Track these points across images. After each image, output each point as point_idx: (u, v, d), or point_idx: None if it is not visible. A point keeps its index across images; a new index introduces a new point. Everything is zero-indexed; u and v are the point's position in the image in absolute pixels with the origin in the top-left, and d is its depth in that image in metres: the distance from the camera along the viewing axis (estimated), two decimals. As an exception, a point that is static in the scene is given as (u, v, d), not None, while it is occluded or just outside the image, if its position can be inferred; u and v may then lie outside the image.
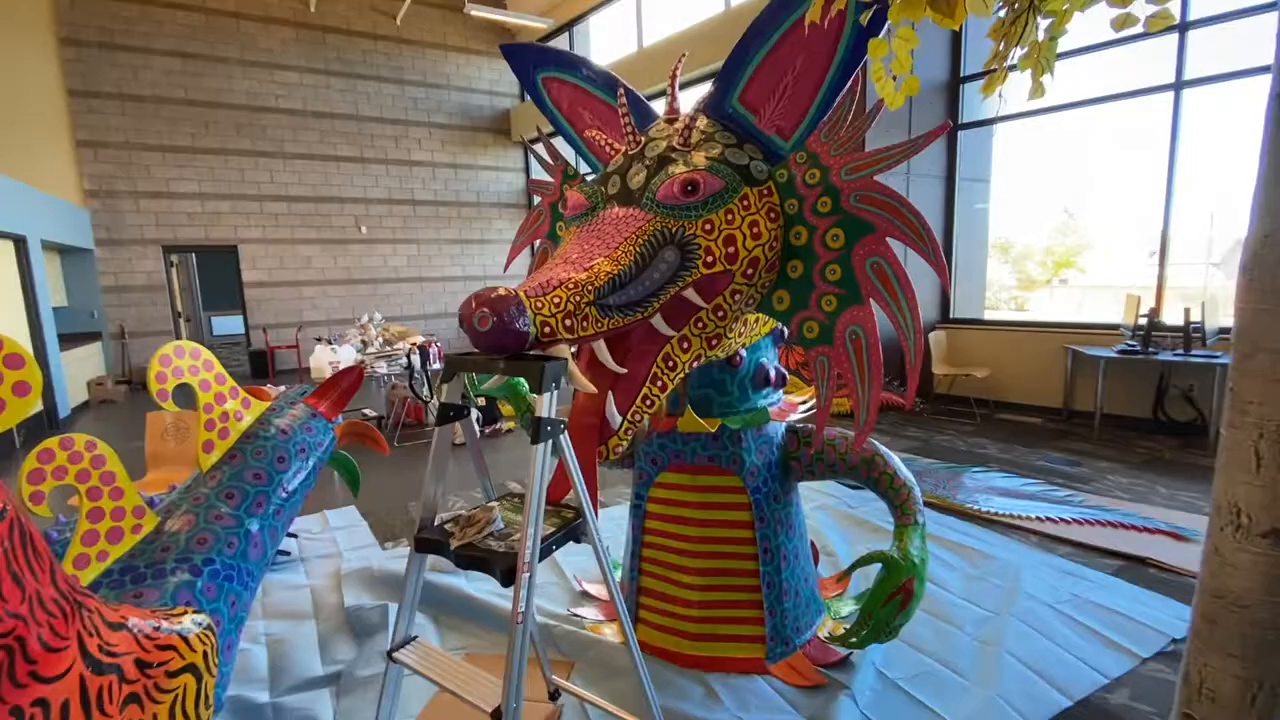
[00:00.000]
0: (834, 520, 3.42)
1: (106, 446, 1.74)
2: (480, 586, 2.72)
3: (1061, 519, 3.29)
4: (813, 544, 2.57)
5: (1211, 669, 0.84)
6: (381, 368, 5.19)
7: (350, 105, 10.56)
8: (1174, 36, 4.96)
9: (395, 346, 5.51)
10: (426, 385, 5.44)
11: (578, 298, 1.47)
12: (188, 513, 1.93)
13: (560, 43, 11.23)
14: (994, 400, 5.96)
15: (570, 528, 1.49)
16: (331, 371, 4.92)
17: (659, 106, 2.13)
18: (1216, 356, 4.43)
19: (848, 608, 2.50)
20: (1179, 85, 4.94)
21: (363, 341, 5.57)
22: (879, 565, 1.97)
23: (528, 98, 12.12)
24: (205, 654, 1.36)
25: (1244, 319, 0.79)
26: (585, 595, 2.69)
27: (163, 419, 3.33)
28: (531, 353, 1.43)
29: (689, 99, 1.96)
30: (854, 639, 1.99)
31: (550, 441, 1.33)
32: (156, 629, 1.28)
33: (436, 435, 1.54)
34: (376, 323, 5.78)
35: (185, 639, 1.33)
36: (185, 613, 1.40)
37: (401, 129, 11.05)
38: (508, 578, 1.30)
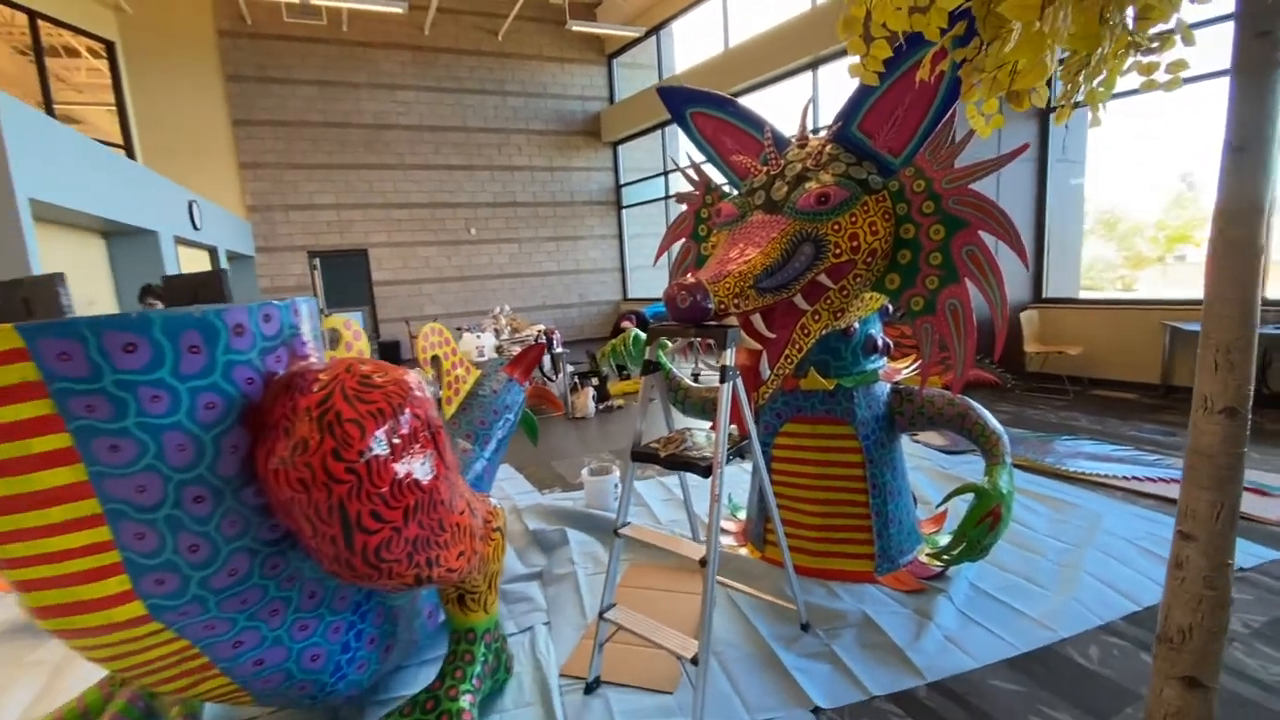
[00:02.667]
0: (930, 478, 3.85)
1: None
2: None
3: (1148, 478, 3.58)
4: (912, 493, 3.05)
5: (1193, 497, 1.32)
6: (516, 351, 6.01)
7: (459, 118, 11.62)
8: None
9: (523, 334, 6.31)
10: (552, 366, 6.22)
11: (742, 283, 2.05)
12: (442, 447, 2.67)
13: (649, 47, 11.83)
14: (1088, 377, 6.09)
15: (739, 446, 2.09)
16: (477, 355, 5.78)
17: (750, 104, 2.70)
18: (1323, 330, 4.47)
19: (944, 539, 2.97)
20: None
21: (495, 330, 6.41)
22: (972, 497, 2.45)
23: (616, 100, 12.82)
24: (504, 522, 2.06)
25: (1211, 280, 1.26)
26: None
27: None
28: (710, 323, 2.03)
29: (780, 92, 2.51)
30: (948, 556, 2.48)
31: (731, 383, 1.93)
32: (483, 502, 1.98)
33: (644, 383, 2.17)
34: (505, 313, 6.61)
35: (495, 511, 2.03)
36: (488, 497, 2.10)
37: (503, 136, 12.02)
38: (707, 472, 1.91)
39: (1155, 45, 1.43)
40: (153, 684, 1.53)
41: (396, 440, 1.42)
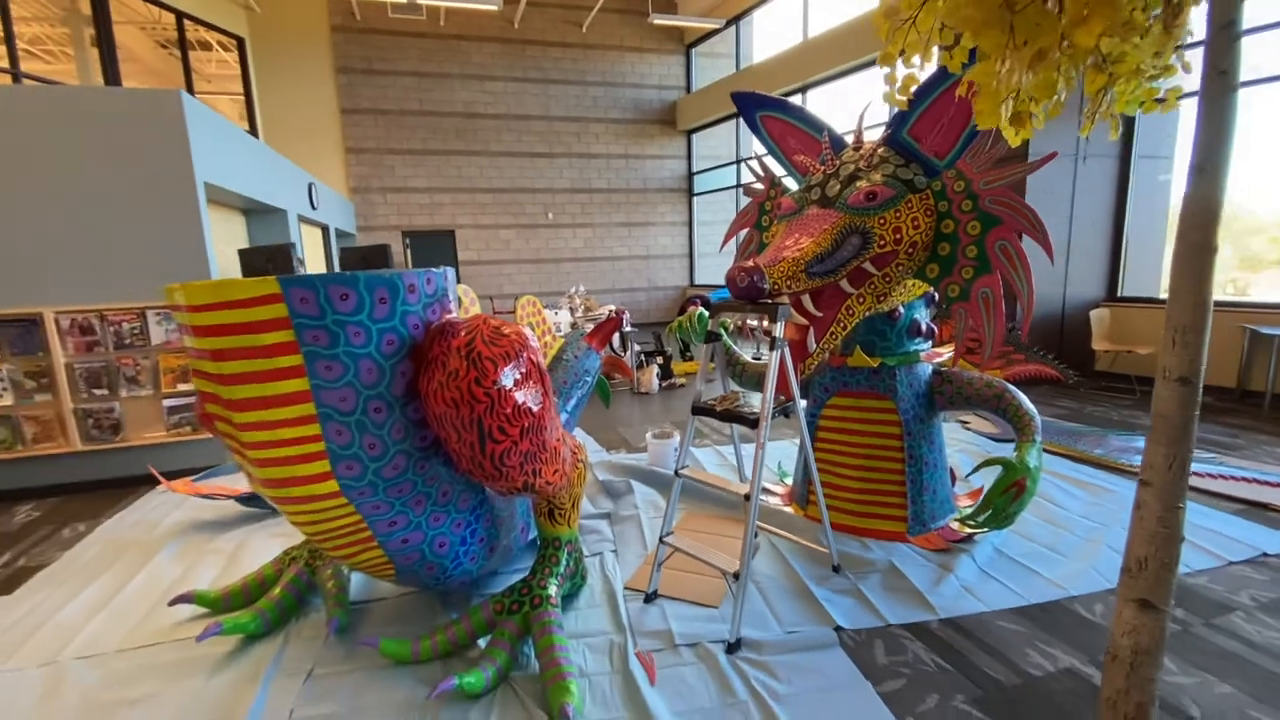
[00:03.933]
0: (973, 460, 4.06)
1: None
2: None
3: (1195, 472, 3.67)
4: (952, 470, 3.31)
5: (1152, 452, 1.60)
6: (589, 328, 6.53)
7: (542, 107, 12.21)
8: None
9: (596, 313, 6.80)
10: (621, 344, 6.69)
11: (794, 268, 2.40)
12: (531, 400, 3.15)
13: (727, 36, 12.00)
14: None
15: (785, 407, 2.45)
16: (555, 329, 6.32)
17: (826, 95, 2.98)
18: None
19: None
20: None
21: (570, 309, 6.93)
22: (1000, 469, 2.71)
23: (693, 89, 13.08)
24: (587, 455, 2.52)
25: (1174, 274, 1.53)
26: (765, 490, 3.65)
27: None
28: (765, 301, 2.39)
29: (858, 82, 2.82)
30: (974, 521, 2.75)
31: (779, 351, 2.30)
32: (572, 439, 2.44)
33: (704, 351, 2.57)
34: (580, 294, 7.12)
35: (580, 446, 2.48)
36: (573, 439, 2.57)
37: (582, 125, 12.54)
38: (755, 424, 2.29)
39: (1157, 73, 1.70)
40: (331, 548, 2.08)
41: (517, 376, 1.89)
